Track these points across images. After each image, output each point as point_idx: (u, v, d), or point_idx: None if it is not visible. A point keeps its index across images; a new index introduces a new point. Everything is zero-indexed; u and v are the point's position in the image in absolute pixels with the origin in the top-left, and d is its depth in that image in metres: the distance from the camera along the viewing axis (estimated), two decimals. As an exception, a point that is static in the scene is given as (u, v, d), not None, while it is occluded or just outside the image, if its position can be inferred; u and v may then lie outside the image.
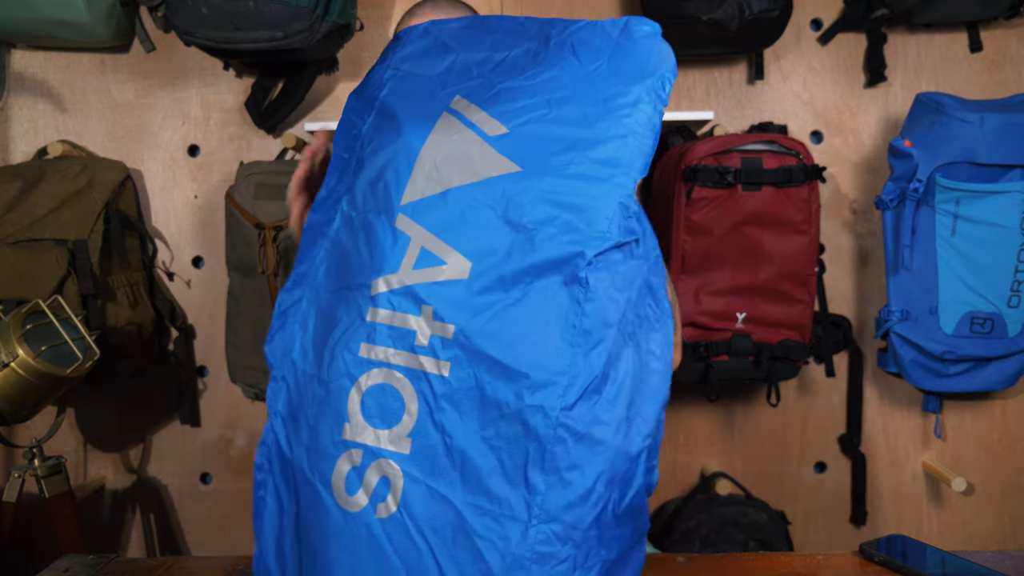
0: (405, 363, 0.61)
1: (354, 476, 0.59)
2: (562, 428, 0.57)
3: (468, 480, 0.57)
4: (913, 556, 0.89)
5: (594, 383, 0.58)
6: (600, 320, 0.59)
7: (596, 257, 0.60)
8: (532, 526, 0.56)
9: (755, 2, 1.53)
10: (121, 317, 1.71)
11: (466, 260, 0.61)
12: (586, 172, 0.62)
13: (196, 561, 0.96)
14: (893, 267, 1.62)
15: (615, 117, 0.64)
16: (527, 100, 0.66)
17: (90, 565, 0.93)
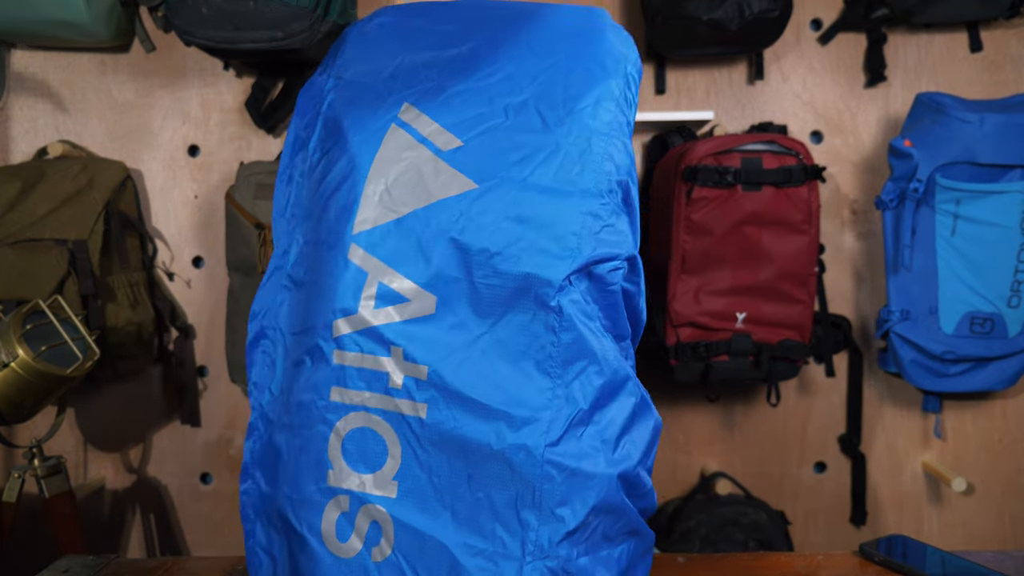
0: (382, 406, 0.58)
1: (344, 522, 0.57)
2: (549, 465, 0.54)
3: (459, 520, 0.55)
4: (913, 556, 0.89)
5: (579, 415, 0.55)
6: (580, 348, 0.55)
7: (567, 280, 0.56)
8: (527, 563, 0.54)
9: (755, 2, 1.53)
10: (121, 317, 1.71)
11: (429, 294, 0.57)
12: (547, 183, 0.57)
13: (196, 561, 0.96)
14: (893, 267, 1.62)
15: (576, 119, 0.59)
16: (482, 107, 0.60)
17: (90, 565, 0.93)
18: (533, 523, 0.54)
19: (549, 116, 0.59)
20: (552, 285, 0.55)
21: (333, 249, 0.60)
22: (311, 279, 0.62)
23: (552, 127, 0.58)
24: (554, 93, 0.59)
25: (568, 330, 0.55)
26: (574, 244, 0.55)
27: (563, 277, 0.55)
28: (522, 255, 0.56)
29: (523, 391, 0.55)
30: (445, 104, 0.61)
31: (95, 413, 1.91)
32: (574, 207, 0.56)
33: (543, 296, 0.55)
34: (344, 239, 0.59)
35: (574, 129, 0.58)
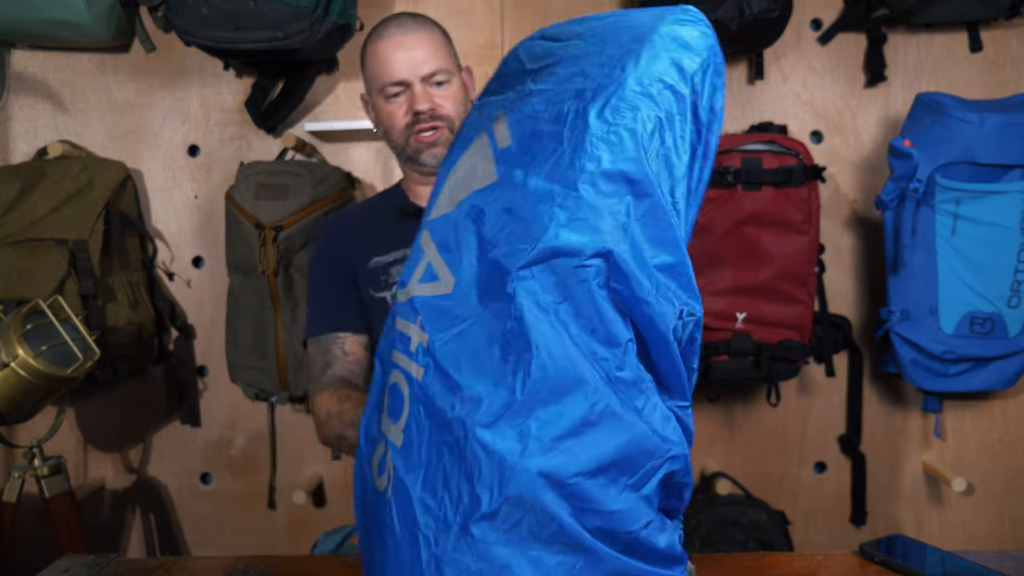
0: (404, 366, 0.65)
1: (383, 461, 0.66)
2: (477, 444, 0.56)
3: (425, 479, 0.60)
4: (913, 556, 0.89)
5: (514, 405, 0.56)
6: (524, 340, 0.56)
7: (523, 268, 0.56)
8: (456, 534, 0.57)
9: (755, 2, 1.52)
10: (121, 317, 1.71)
11: (452, 276, 0.62)
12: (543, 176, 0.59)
13: (196, 561, 0.96)
14: (893, 267, 1.62)
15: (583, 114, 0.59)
16: (538, 105, 0.63)
17: (90, 565, 0.93)
18: (465, 498, 0.57)
19: (569, 113, 0.60)
20: (509, 273, 0.57)
21: (417, 235, 0.70)
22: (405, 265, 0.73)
23: (576, 118, 0.59)
24: (587, 86, 0.60)
25: (517, 319, 0.56)
26: (537, 235, 0.56)
27: (519, 266, 0.57)
28: (502, 244, 0.58)
29: (480, 373, 0.58)
30: (520, 107, 0.64)
31: (95, 413, 1.91)
32: (548, 199, 0.57)
33: (505, 284, 0.57)
34: (424, 224, 0.69)
35: (580, 121, 0.59)
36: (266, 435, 1.88)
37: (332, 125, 1.73)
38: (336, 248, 1.29)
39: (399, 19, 1.25)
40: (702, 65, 0.60)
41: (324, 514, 1.93)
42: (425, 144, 1.23)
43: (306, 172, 1.66)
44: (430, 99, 1.21)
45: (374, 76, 1.24)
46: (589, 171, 0.57)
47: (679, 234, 0.59)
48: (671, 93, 0.59)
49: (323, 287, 1.29)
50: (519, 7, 1.83)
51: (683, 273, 0.58)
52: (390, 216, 1.30)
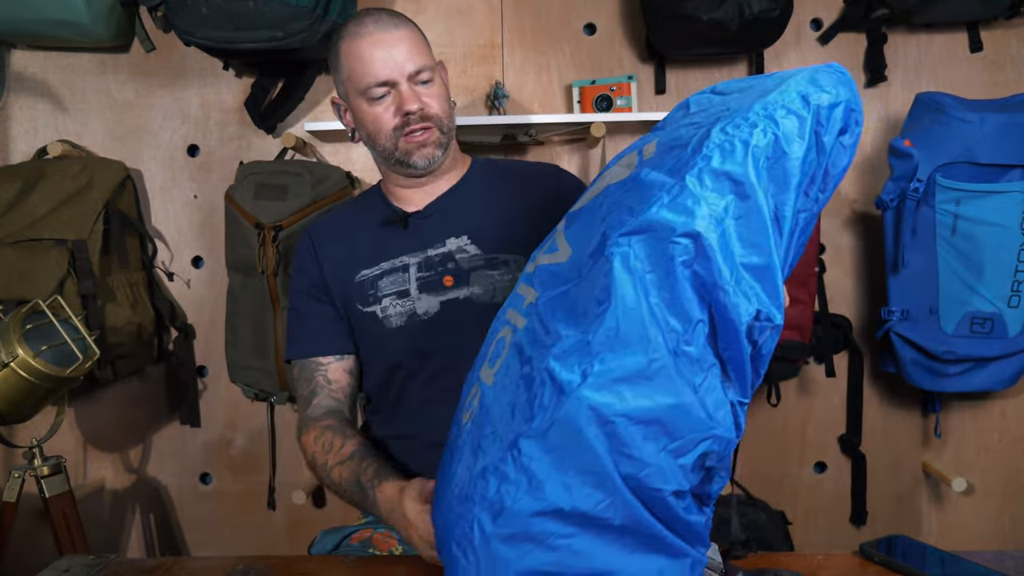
0: (513, 321, 0.75)
1: (472, 400, 0.75)
2: (545, 373, 0.64)
3: (500, 408, 0.68)
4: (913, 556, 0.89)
5: (585, 346, 0.63)
6: (606, 292, 0.63)
7: (622, 235, 0.64)
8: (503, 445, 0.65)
9: (755, 2, 1.53)
10: (121, 317, 1.71)
11: (569, 248, 0.73)
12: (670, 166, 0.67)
13: (196, 561, 0.96)
14: (893, 267, 1.62)
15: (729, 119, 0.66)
16: (683, 130, 0.71)
17: (90, 565, 0.93)
18: (521, 419, 0.65)
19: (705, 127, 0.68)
20: (610, 239, 0.65)
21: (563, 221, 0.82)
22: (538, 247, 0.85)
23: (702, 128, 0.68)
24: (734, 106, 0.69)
25: (606, 276, 0.64)
26: (640, 211, 0.65)
27: (620, 233, 0.65)
28: (611, 218, 0.67)
29: (569, 321, 0.66)
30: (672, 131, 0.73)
31: (95, 413, 1.91)
32: (660, 186, 0.65)
33: (604, 248, 0.65)
34: (567, 217, 0.81)
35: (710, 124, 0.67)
36: (266, 435, 1.88)
37: (332, 125, 1.73)
38: (315, 265, 1.24)
39: (374, 16, 1.17)
40: (832, 102, 0.66)
41: (323, 514, 1.93)
42: (416, 144, 1.16)
43: (306, 172, 1.65)
44: (418, 98, 1.14)
45: (354, 77, 1.16)
46: (698, 167, 0.64)
47: (772, 242, 0.64)
48: (794, 117, 0.65)
49: (304, 309, 1.24)
50: (519, 7, 1.83)
51: (770, 278, 0.64)
52: (374, 226, 1.24)
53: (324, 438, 1.12)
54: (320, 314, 1.23)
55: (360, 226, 1.25)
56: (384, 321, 1.18)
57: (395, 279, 1.19)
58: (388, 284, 1.19)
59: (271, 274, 1.64)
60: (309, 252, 1.26)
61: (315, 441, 1.13)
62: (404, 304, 1.17)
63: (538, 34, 1.83)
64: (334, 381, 1.21)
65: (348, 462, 1.06)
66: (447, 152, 1.22)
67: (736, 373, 0.64)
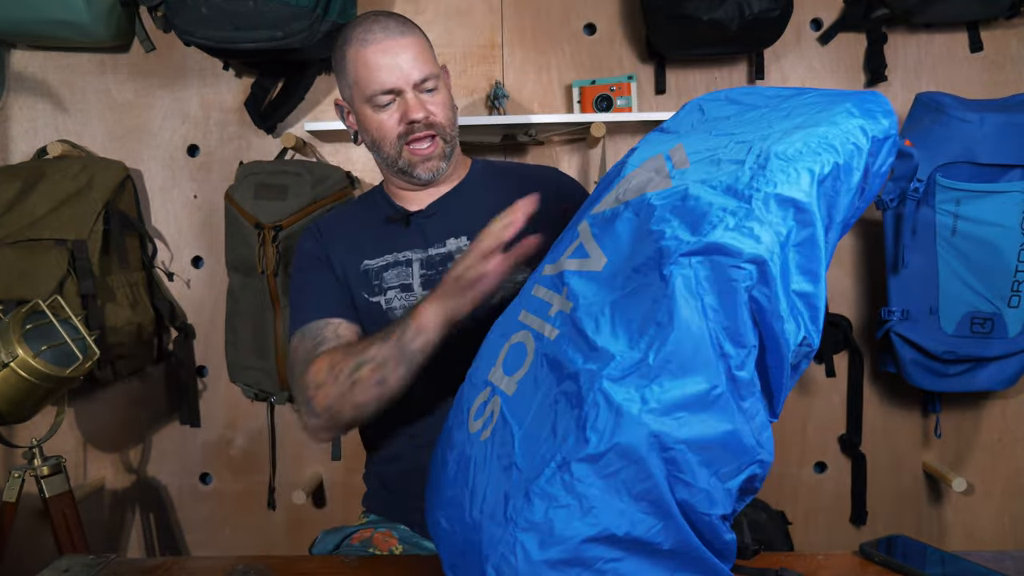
0: (536, 327, 0.74)
1: (482, 407, 0.75)
2: (600, 393, 0.62)
3: (534, 423, 0.67)
4: (913, 556, 0.89)
5: (644, 368, 0.62)
6: (669, 315, 0.63)
7: (682, 256, 0.63)
8: (551, 469, 0.63)
9: (755, 2, 1.53)
10: (121, 317, 1.71)
11: (604, 256, 0.72)
12: (723, 184, 0.66)
13: (196, 561, 0.96)
14: (893, 267, 1.62)
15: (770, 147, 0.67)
16: (719, 141, 0.73)
17: (90, 565, 0.93)
18: (570, 440, 0.63)
19: (754, 147, 0.69)
20: (669, 257, 0.64)
21: (576, 222, 0.82)
22: (555, 245, 0.84)
23: (751, 150, 0.68)
24: (774, 131, 0.70)
25: (669, 297, 0.63)
26: (705, 231, 0.64)
27: (681, 253, 0.64)
28: (666, 235, 0.66)
29: (616, 337, 0.65)
30: (700, 141, 0.75)
31: (95, 413, 1.91)
32: (716, 202, 0.65)
33: (661, 265, 0.64)
34: (581, 216, 0.81)
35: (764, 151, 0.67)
36: (266, 435, 1.88)
37: (332, 125, 1.73)
38: (321, 248, 1.24)
39: (381, 22, 1.16)
40: (885, 135, 0.69)
41: (324, 514, 1.93)
42: (420, 158, 1.17)
43: (306, 172, 1.65)
44: (423, 107, 1.14)
45: (360, 84, 1.15)
46: (764, 191, 0.64)
47: (823, 270, 0.65)
48: (854, 148, 0.67)
49: (307, 283, 1.22)
50: (519, 7, 1.83)
51: (816, 306, 0.65)
52: (377, 222, 1.24)
53: (337, 352, 1.07)
54: (324, 284, 1.20)
55: (363, 222, 1.26)
56: (389, 313, 1.19)
57: (399, 272, 1.20)
58: (392, 277, 1.20)
59: (271, 274, 1.64)
60: (315, 240, 1.25)
61: (329, 357, 1.06)
62: (408, 299, 1.18)
63: (538, 34, 1.83)
64: (343, 336, 1.14)
65: (374, 338, 1.03)
66: (451, 161, 1.22)
67: (776, 396, 0.65)
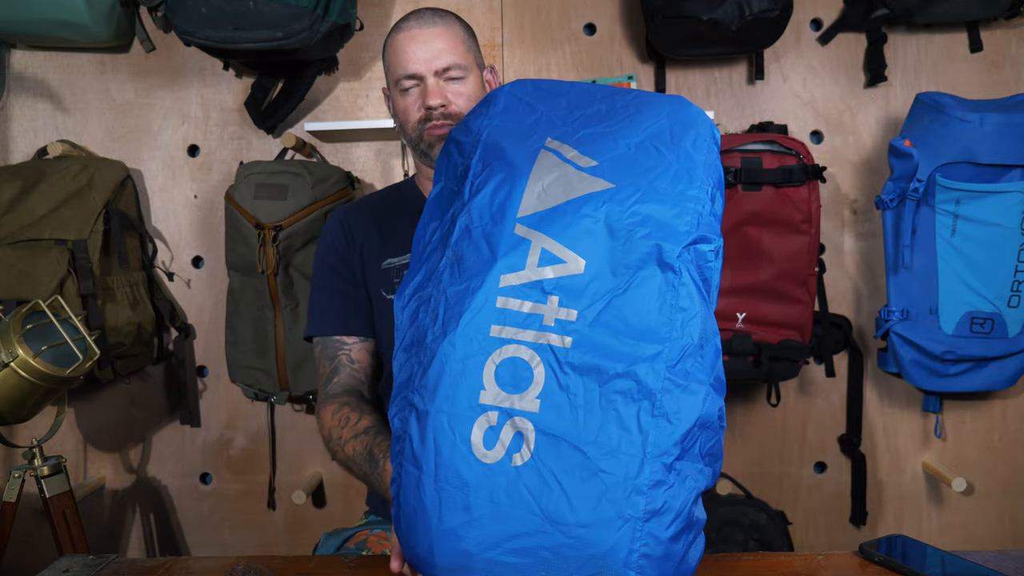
0: (533, 340, 0.75)
1: (491, 433, 0.73)
2: (669, 382, 0.71)
3: (590, 428, 0.71)
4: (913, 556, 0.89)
5: (691, 348, 0.73)
6: (690, 299, 0.74)
7: (684, 249, 0.75)
8: (647, 460, 0.70)
9: (755, 2, 1.53)
10: (121, 317, 1.71)
11: (580, 258, 0.76)
12: (665, 187, 0.78)
13: (196, 561, 0.96)
14: (893, 267, 1.62)
15: (681, 150, 0.80)
16: (609, 142, 0.82)
17: (90, 565, 0.93)
18: (651, 429, 0.70)
19: (662, 148, 0.81)
20: (673, 252, 0.74)
21: (499, 227, 0.80)
22: (475, 251, 0.81)
23: (664, 154, 0.80)
24: (663, 135, 0.82)
25: (683, 285, 0.74)
26: (687, 228, 0.76)
27: (681, 247, 0.75)
28: (653, 232, 0.75)
29: (649, 329, 0.73)
30: (580, 140, 0.83)
31: (95, 413, 1.91)
32: (687, 202, 0.77)
33: (667, 259, 0.74)
34: (510, 220, 0.80)
35: (681, 154, 0.80)
36: (266, 435, 1.88)
37: (332, 125, 1.73)
38: (346, 244, 1.27)
39: (420, 13, 1.23)
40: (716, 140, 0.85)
41: (324, 514, 1.93)
42: (437, 138, 1.20)
43: (306, 172, 1.65)
44: (442, 94, 1.18)
45: (391, 69, 1.23)
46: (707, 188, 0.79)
47: None
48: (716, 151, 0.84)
49: (330, 286, 1.27)
50: (519, 7, 1.83)
51: None
52: (408, 215, 1.27)
53: (341, 413, 1.13)
54: (346, 293, 1.25)
55: (391, 214, 1.29)
56: None
57: None
58: None
59: (271, 274, 1.64)
60: (341, 230, 1.28)
61: (332, 416, 1.14)
62: None
63: (538, 34, 1.83)
64: (356, 361, 1.23)
65: (362, 436, 1.08)
66: None
67: None
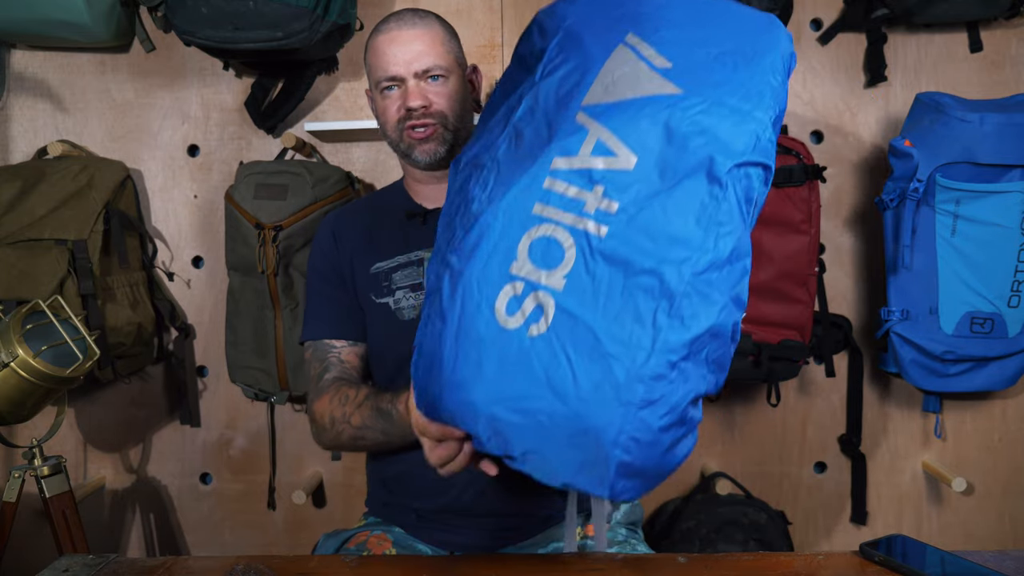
0: (571, 223, 0.77)
1: (514, 302, 0.76)
2: (691, 286, 0.73)
3: (608, 315, 0.73)
4: (913, 556, 0.89)
5: (719, 262, 0.75)
6: (729, 216, 0.75)
7: (735, 166, 0.76)
8: (654, 354, 0.72)
9: (755, 2, 1.53)
10: (121, 317, 1.71)
11: (633, 155, 0.77)
12: (734, 103, 0.78)
13: (196, 561, 0.96)
14: (893, 267, 1.62)
15: (757, 70, 0.80)
16: (688, 47, 0.82)
17: (90, 565, 0.93)
18: (664, 327, 0.72)
19: (739, 63, 0.80)
20: (724, 167, 0.75)
21: (562, 112, 0.82)
22: (534, 130, 0.84)
23: (740, 70, 0.80)
24: (743, 51, 0.81)
25: (726, 200, 0.75)
26: (743, 147, 0.77)
27: (733, 164, 0.76)
28: (709, 144, 0.76)
29: (683, 235, 0.74)
30: (661, 40, 0.83)
31: (95, 413, 1.91)
32: (750, 123, 0.77)
33: (716, 173, 0.75)
34: (574, 107, 0.81)
35: (756, 75, 0.80)
36: (266, 435, 1.88)
37: (332, 125, 1.73)
38: (335, 251, 1.28)
39: (401, 14, 1.23)
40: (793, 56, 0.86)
41: (324, 514, 1.93)
42: (416, 140, 1.20)
43: (306, 172, 1.66)
44: (423, 95, 1.18)
45: (372, 71, 1.23)
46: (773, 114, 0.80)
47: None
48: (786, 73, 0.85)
49: (321, 292, 1.28)
50: (519, 7, 1.83)
51: None
52: (396, 218, 1.27)
53: (339, 394, 1.15)
54: (336, 299, 1.27)
55: (380, 218, 1.30)
56: (397, 313, 1.20)
57: (409, 272, 1.22)
58: (402, 277, 1.22)
59: (271, 274, 1.64)
60: (330, 236, 1.30)
61: (330, 400, 1.16)
62: (417, 297, 1.20)
63: (538, 34, 1.82)
64: (346, 362, 1.24)
65: (365, 402, 1.10)
66: (456, 150, 1.23)
67: None
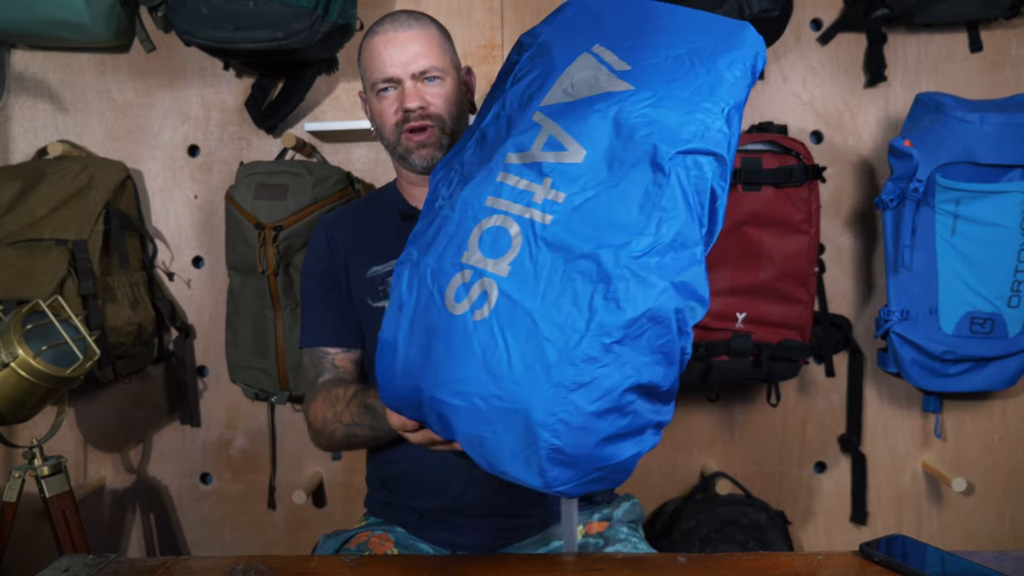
0: (519, 213, 0.80)
1: (462, 289, 0.80)
2: (628, 270, 0.75)
3: (546, 300, 0.76)
4: (913, 556, 0.89)
5: (660, 246, 0.76)
6: (673, 202, 0.77)
7: (677, 154, 0.77)
8: (587, 336, 0.73)
9: (755, 2, 1.52)
10: (121, 317, 1.71)
11: (582, 149, 0.80)
12: (682, 97, 0.80)
13: (196, 561, 0.96)
14: (893, 267, 1.62)
15: (714, 66, 0.82)
16: (650, 51, 0.85)
17: (90, 565, 0.93)
18: (600, 310, 0.74)
19: (696, 61, 0.83)
20: (667, 154, 0.77)
21: (522, 112, 0.87)
22: (496, 131, 0.90)
23: (696, 67, 0.82)
24: (703, 51, 0.84)
25: (668, 187, 0.77)
26: (688, 135, 0.78)
27: (675, 152, 0.77)
28: (654, 134, 0.78)
29: (627, 221, 0.77)
30: (626, 48, 0.87)
31: (95, 413, 1.91)
32: (697, 113, 0.79)
33: (659, 160, 0.77)
34: (532, 107, 0.87)
35: (712, 70, 0.82)
36: (266, 435, 1.88)
37: (332, 125, 1.73)
38: (330, 255, 1.28)
39: (395, 16, 1.23)
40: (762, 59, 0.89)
41: (324, 514, 1.93)
42: (415, 144, 1.20)
43: (306, 172, 1.66)
44: (420, 97, 1.18)
45: (367, 72, 1.23)
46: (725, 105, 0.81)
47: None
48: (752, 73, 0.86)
49: (316, 298, 1.28)
50: (519, 7, 1.83)
51: None
52: (390, 221, 1.27)
53: (330, 395, 1.17)
54: (331, 304, 1.27)
55: (375, 221, 1.29)
56: None
57: None
58: None
59: (271, 274, 1.64)
60: (325, 241, 1.30)
61: (323, 401, 1.17)
62: None
63: (538, 34, 1.82)
64: (341, 367, 1.25)
65: (353, 399, 1.12)
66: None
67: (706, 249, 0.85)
